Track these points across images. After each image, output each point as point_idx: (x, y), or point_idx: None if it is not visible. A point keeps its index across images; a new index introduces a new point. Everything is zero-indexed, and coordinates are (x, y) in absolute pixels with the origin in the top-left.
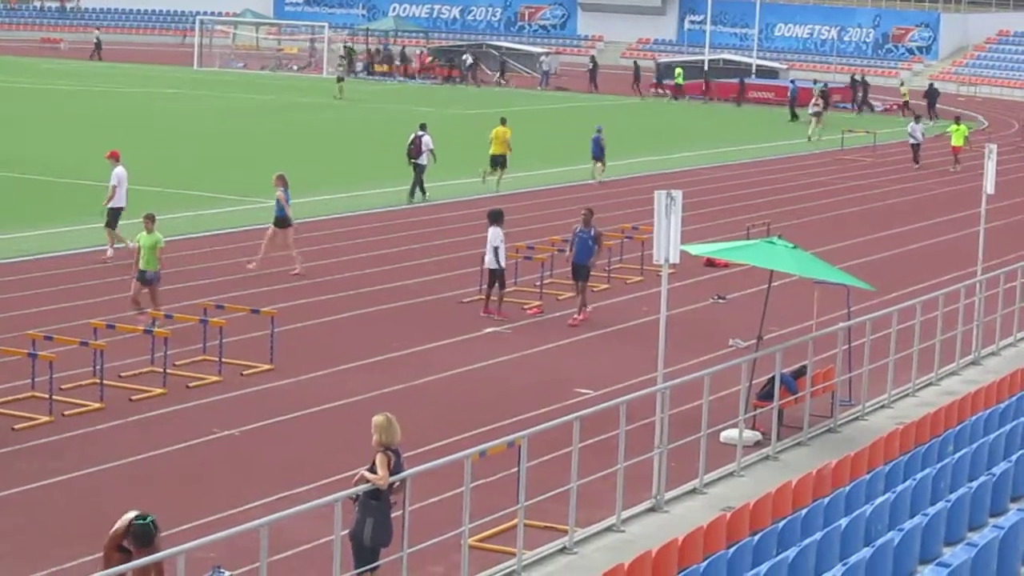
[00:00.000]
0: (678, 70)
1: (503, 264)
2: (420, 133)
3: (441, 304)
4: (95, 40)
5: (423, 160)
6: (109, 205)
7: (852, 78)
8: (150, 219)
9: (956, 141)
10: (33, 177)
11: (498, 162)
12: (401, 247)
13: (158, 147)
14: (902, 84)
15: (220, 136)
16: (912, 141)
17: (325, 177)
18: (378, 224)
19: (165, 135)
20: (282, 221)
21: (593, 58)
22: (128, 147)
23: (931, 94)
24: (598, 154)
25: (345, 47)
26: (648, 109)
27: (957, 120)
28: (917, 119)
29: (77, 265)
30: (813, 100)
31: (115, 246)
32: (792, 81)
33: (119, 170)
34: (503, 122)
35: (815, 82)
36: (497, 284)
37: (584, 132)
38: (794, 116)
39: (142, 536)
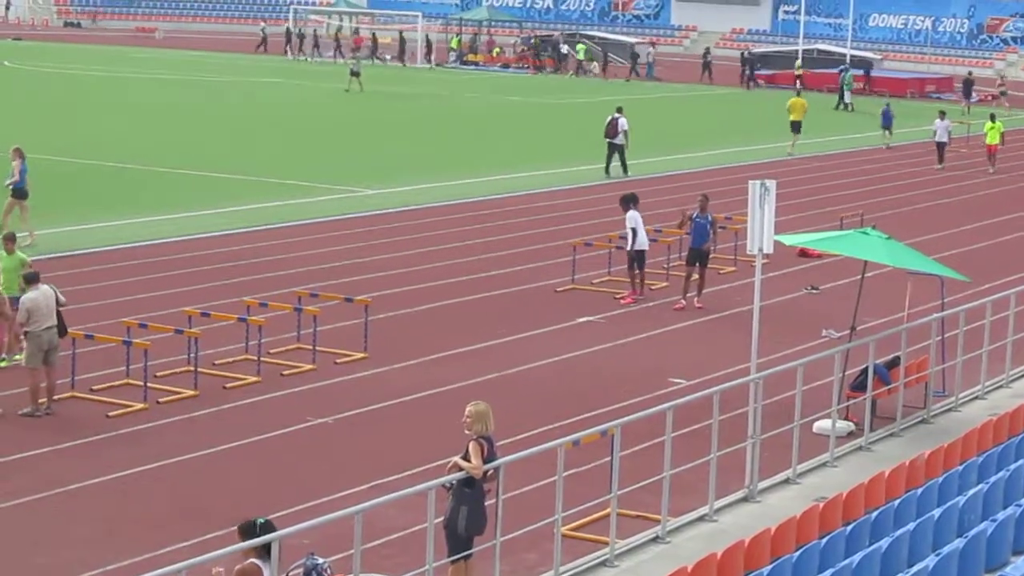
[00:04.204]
0: (580, 46)
1: (641, 246)
2: (616, 115)
3: (536, 293)
4: (261, 33)
5: (619, 140)
6: None
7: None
8: (10, 240)
9: (991, 139)
10: (128, 166)
11: (796, 128)
12: (499, 236)
13: (254, 136)
14: (798, 61)
15: (310, 125)
16: (937, 139)
17: (429, 165)
18: (478, 212)
19: (260, 124)
20: (21, 192)
21: (708, 49)
22: (228, 136)
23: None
24: (887, 124)
25: (457, 37)
26: (743, 99)
27: (992, 117)
28: (942, 114)
29: (172, 253)
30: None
31: None
32: (842, 68)
33: None
34: (799, 94)
35: (843, 68)
36: (636, 265)
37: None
38: (841, 102)
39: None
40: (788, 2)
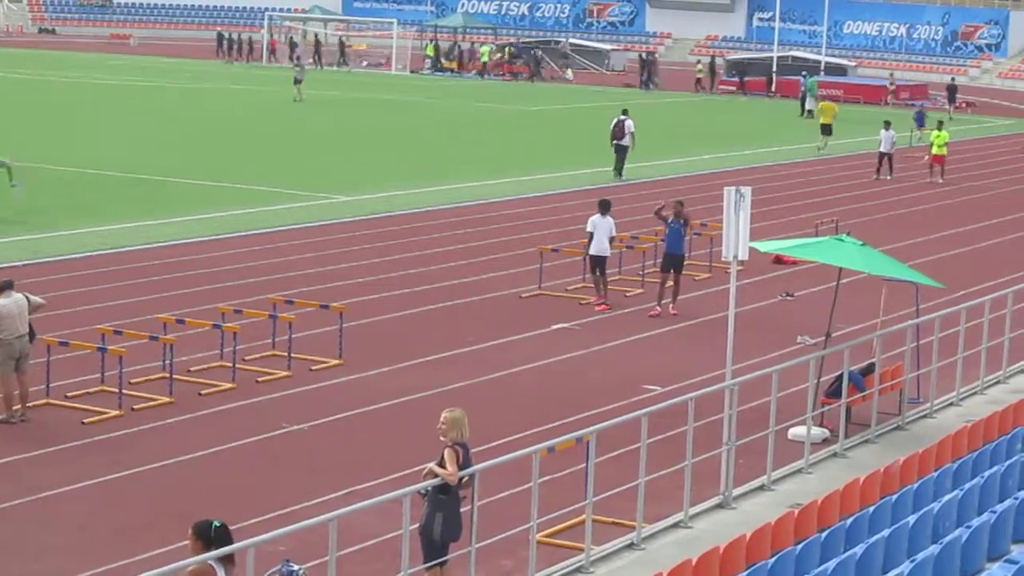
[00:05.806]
0: (483, 48)
1: (595, 252)
2: (622, 118)
3: (512, 299)
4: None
5: (625, 142)
6: None
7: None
8: None
9: (937, 149)
10: (101, 172)
11: (827, 130)
12: (474, 242)
13: (225, 142)
14: (698, 63)
15: (282, 131)
16: (881, 149)
17: (401, 172)
18: (449, 220)
19: (231, 130)
20: None
21: (651, 54)
22: (200, 142)
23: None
24: (921, 125)
25: (431, 44)
26: (713, 106)
27: (940, 126)
28: (887, 124)
29: (146, 260)
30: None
31: None
32: (803, 74)
33: None
34: (828, 99)
35: (804, 74)
36: (599, 271)
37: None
38: (804, 110)
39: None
40: (763, 9)
